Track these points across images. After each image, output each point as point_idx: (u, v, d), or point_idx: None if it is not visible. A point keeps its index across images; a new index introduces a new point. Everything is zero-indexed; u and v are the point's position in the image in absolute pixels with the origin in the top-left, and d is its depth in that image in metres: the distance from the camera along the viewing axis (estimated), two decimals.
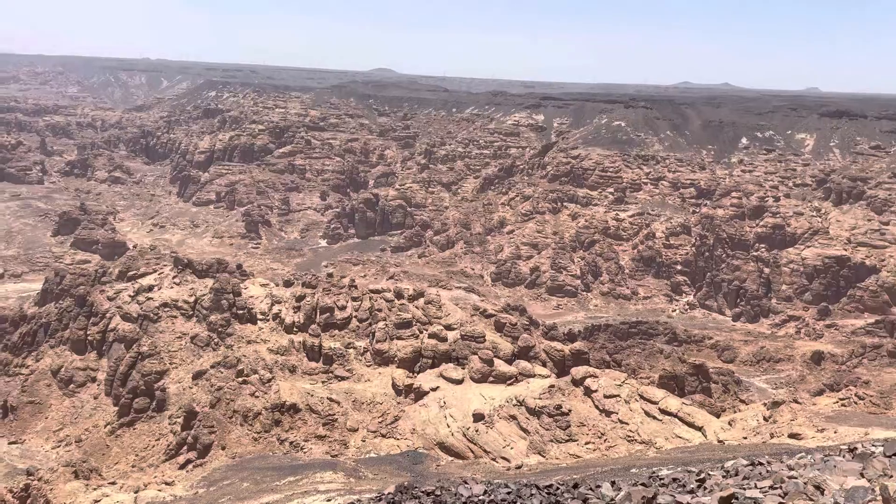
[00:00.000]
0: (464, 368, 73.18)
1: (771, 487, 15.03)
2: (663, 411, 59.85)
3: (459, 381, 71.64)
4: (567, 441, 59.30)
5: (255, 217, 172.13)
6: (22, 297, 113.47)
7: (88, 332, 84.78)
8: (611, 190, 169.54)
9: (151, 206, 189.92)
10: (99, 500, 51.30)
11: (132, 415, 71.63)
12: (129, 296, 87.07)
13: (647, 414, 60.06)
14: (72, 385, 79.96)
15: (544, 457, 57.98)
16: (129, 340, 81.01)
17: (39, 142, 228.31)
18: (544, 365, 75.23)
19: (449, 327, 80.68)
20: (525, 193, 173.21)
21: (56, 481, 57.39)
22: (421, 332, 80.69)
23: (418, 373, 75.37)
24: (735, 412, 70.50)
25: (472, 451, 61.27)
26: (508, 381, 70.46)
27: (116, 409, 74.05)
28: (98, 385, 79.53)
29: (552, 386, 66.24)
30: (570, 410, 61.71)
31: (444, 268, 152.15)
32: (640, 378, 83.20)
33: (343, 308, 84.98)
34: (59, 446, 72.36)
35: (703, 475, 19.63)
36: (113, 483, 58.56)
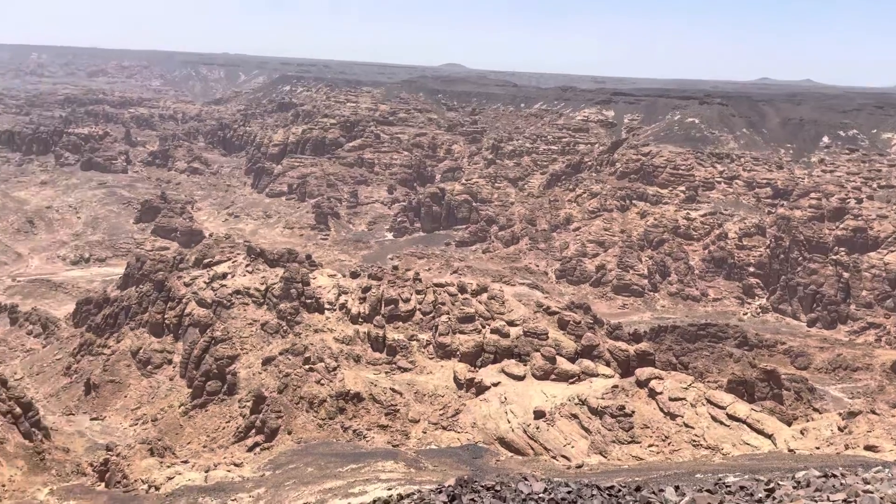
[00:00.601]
0: (526, 365, 73.01)
1: (844, 501, 14.55)
2: (731, 417, 58.28)
3: (521, 378, 71.53)
4: (629, 443, 58.48)
5: (325, 209, 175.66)
6: (106, 281, 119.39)
7: (166, 316, 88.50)
8: (682, 188, 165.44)
9: (227, 196, 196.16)
10: (172, 478, 53.59)
11: (204, 397, 74.46)
12: (205, 282, 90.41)
13: (714, 419, 58.60)
14: (149, 366, 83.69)
15: (605, 457, 57.38)
16: (203, 325, 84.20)
17: (125, 133, 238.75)
18: (608, 365, 74.29)
19: (511, 323, 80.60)
20: (593, 190, 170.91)
21: (133, 457, 60.26)
22: (483, 328, 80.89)
23: (480, 367, 75.63)
24: (808, 421, 67.93)
25: (533, 448, 61.15)
26: (571, 380, 69.92)
27: (190, 390, 77.13)
28: (174, 367, 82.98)
29: (616, 386, 65.38)
30: (633, 412, 60.80)
31: (508, 263, 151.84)
32: (708, 382, 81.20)
33: (407, 300, 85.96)
34: (136, 424, 75.93)
35: (772, 485, 19.12)
36: (185, 462, 61.06)
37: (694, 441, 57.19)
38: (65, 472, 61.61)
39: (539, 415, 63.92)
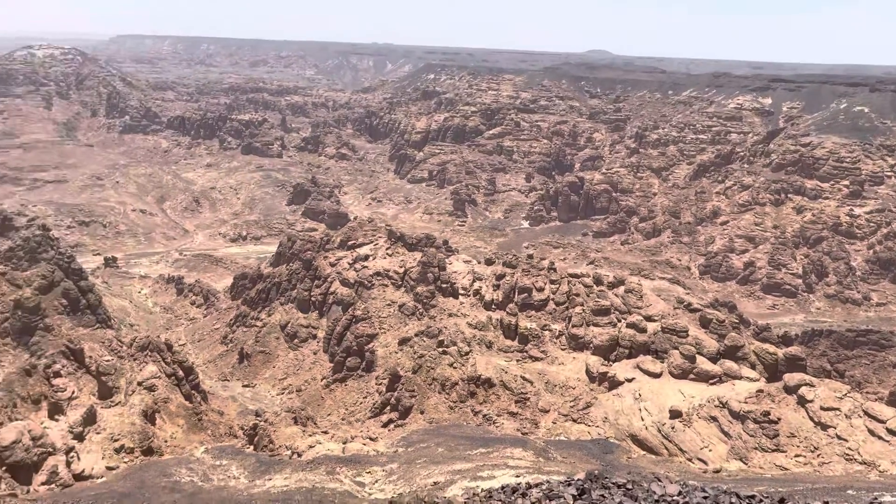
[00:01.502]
0: (663, 362, 70.55)
1: None
2: (891, 431, 53.35)
3: (657, 375, 69.24)
4: (774, 451, 55.10)
5: (463, 196, 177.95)
6: (260, 258, 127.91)
7: (312, 294, 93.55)
8: (846, 182, 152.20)
9: (371, 181, 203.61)
10: (313, 446, 56.76)
11: (344, 372, 78.15)
12: (348, 263, 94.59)
13: (872, 433, 53.90)
14: (296, 340, 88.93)
15: (746, 464, 54.42)
16: (345, 304, 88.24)
17: (281, 119, 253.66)
18: (753, 367, 70.17)
19: (649, 318, 78.06)
20: (744, 182, 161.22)
21: (279, 424, 64.45)
22: (619, 321, 78.96)
23: (614, 362, 73.96)
24: None
25: (667, 448, 59.13)
26: (711, 381, 66.79)
27: (331, 365, 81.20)
28: (318, 342, 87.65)
29: (761, 391, 61.71)
30: (779, 419, 57.17)
31: (647, 256, 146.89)
32: (866, 393, 74.72)
33: (541, 290, 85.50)
34: (282, 393, 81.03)
35: None
36: (325, 432, 64.47)
37: (847, 455, 52.96)
38: (218, 433, 66.92)
39: (675, 414, 61.65)
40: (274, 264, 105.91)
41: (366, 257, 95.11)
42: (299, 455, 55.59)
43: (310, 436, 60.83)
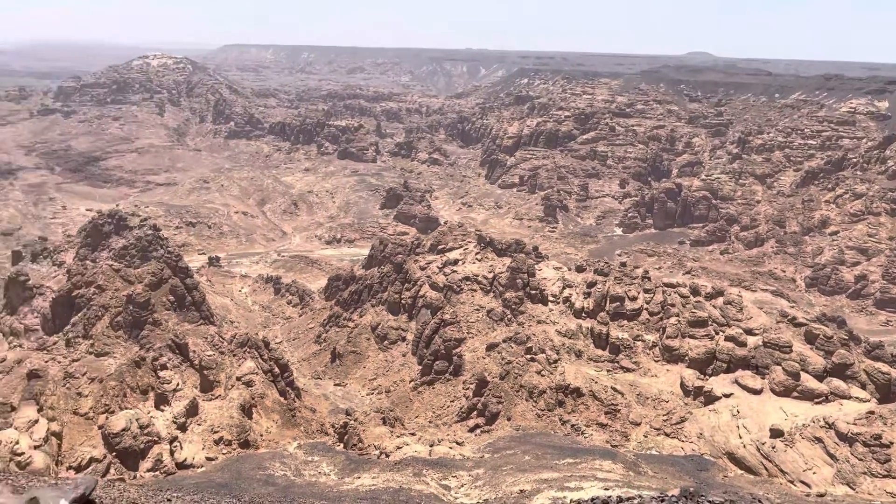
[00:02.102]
0: (763, 378, 67.28)
1: None
2: None
3: (757, 392, 66.09)
4: (885, 476, 51.45)
5: (554, 201, 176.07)
6: (353, 260, 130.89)
7: (402, 296, 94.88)
8: None
9: (462, 186, 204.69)
10: (401, 447, 57.49)
11: (432, 375, 78.75)
12: (438, 267, 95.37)
13: None
14: (386, 341, 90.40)
15: (854, 489, 51.06)
16: (434, 307, 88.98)
17: (376, 125, 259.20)
18: (863, 387, 65.83)
19: (749, 332, 74.65)
20: (857, 191, 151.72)
21: (368, 424, 65.64)
22: (717, 334, 75.92)
23: (710, 376, 71.17)
24: None
25: (766, 469, 56.28)
26: (816, 400, 63.12)
27: (420, 368, 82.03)
28: (407, 344, 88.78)
29: (871, 412, 57.80)
30: (892, 443, 53.33)
31: (748, 267, 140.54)
32: None
33: (634, 299, 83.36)
34: (372, 393, 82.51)
35: None
36: (413, 434, 65.16)
37: None
38: (311, 430, 68.87)
39: (776, 433, 58.61)
40: (366, 267, 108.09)
41: (455, 262, 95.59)
42: (387, 455, 56.40)
43: (397, 437, 61.62)
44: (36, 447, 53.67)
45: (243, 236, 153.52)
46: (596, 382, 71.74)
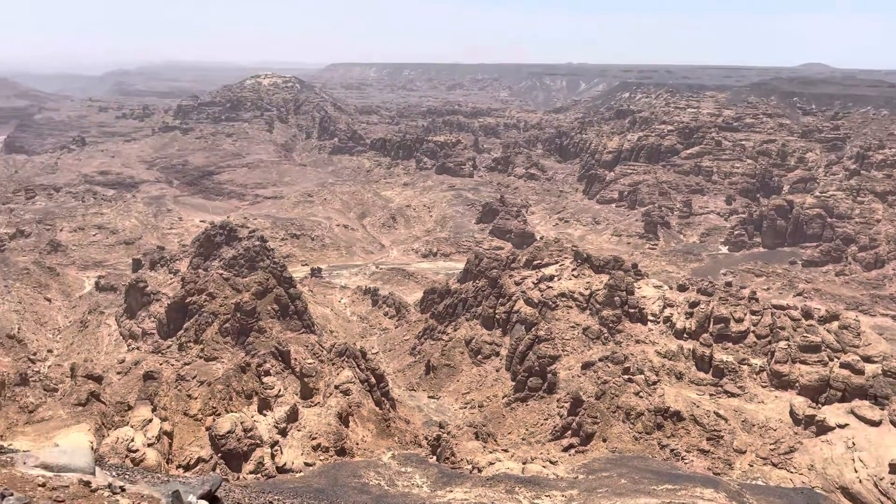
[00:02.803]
0: (883, 409, 62.67)
1: None
2: None
3: (876, 423, 61.61)
4: None
5: (655, 218, 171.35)
6: (449, 274, 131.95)
7: (497, 311, 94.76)
8: None
9: (559, 201, 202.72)
10: (493, 463, 57.22)
11: (526, 392, 78.07)
12: (533, 282, 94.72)
13: None
14: (479, 355, 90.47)
15: None
16: (529, 323, 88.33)
17: (473, 140, 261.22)
18: None
19: (868, 359, 69.79)
20: None
21: (461, 438, 65.75)
22: (831, 360, 71.42)
23: (823, 404, 66.97)
24: None
25: None
26: None
27: (513, 383, 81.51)
28: (500, 359, 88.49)
29: None
30: None
31: (867, 290, 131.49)
32: None
33: (740, 321, 79.73)
34: (465, 407, 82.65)
35: None
36: (505, 450, 64.73)
37: None
38: (404, 441, 69.69)
39: None
40: (461, 280, 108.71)
41: (551, 277, 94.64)
42: (479, 470, 56.26)
43: (490, 452, 61.38)
44: (149, 445, 56.99)
45: (344, 248, 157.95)
46: (698, 406, 68.96)
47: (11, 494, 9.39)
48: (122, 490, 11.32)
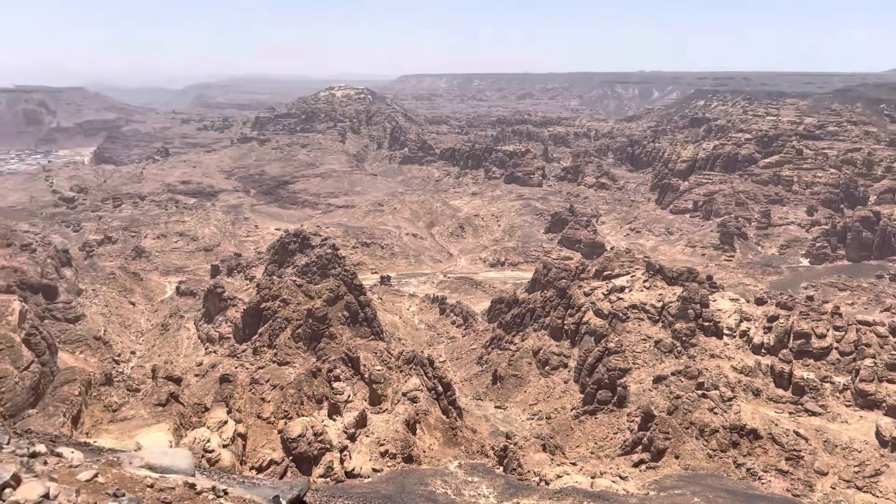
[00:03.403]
0: None
1: None
2: None
3: None
4: None
5: (732, 229, 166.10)
6: (516, 284, 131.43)
7: (565, 322, 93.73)
8: None
9: (630, 211, 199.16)
10: (561, 476, 56.51)
11: (595, 405, 76.83)
12: (603, 293, 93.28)
13: None
14: (547, 366, 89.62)
15: None
16: (598, 335, 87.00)
17: (542, 150, 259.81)
18: None
19: None
20: None
21: (528, 449, 65.21)
22: None
23: None
24: None
25: None
26: None
27: (582, 396, 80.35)
28: (568, 371, 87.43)
29: None
30: None
31: None
32: None
33: (822, 336, 76.35)
34: (532, 419, 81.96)
35: None
36: (574, 463, 63.84)
37: None
38: (471, 450, 69.65)
39: None
40: (529, 290, 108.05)
41: (622, 289, 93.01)
42: (547, 483, 55.68)
43: (558, 465, 60.66)
44: (224, 446, 58.86)
45: (412, 257, 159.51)
46: (776, 425, 66.34)
47: (123, 495, 9.70)
48: (225, 493, 11.70)
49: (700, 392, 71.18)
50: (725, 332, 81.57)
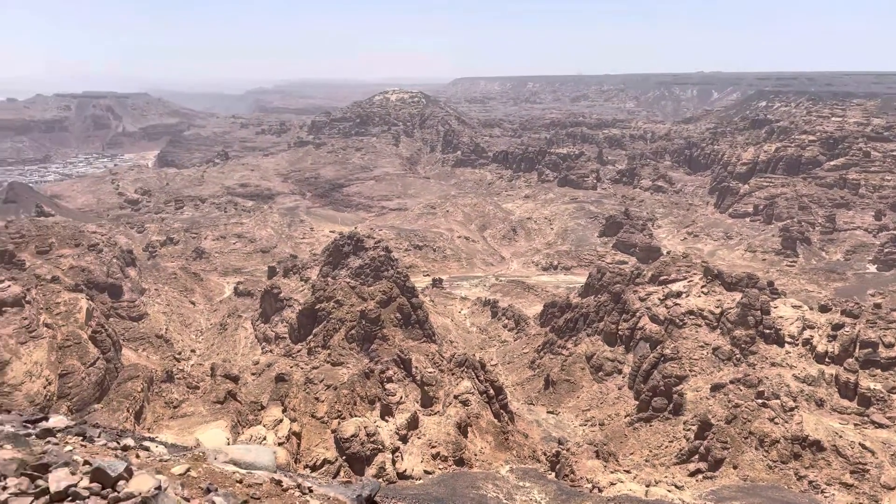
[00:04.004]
0: None
1: None
2: None
3: None
4: None
5: (794, 233, 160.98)
6: (569, 288, 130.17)
7: (619, 327, 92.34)
8: None
9: (688, 215, 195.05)
10: (614, 484, 55.65)
11: (650, 412, 75.43)
12: (659, 299, 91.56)
13: None
14: (601, 372, 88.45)
15: None
16: (653, 341, 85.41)
17: (597, 152, 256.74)
18: None
19: None
20: None
21: (580, 455, 64.43)
22: None
23: None
24: None
25: None
26: None
27: (636, 403, 79.00)
28: (623, 377, 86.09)
29: None
30: None
31: None
32: None
33: (890, 346, 73.27)
34: (585, 425, 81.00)
35: None
36: (627, 472, 62.79)
37: None
38: (522, 455, 69.23)
39: None
40: (582, 295, 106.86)
41: (678, 294, 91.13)
42: (600, 490, 54.92)
43: (611, 472, 59.76)
44: (279, 444, 59.93)
45: (464, 260, 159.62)
46: (840, 437, 63.94)
47: (216, 490, 9.85)
48: (311, 491, 11.87)
49: (760, 401, 69.16)
50: (787, 339, 79.06)
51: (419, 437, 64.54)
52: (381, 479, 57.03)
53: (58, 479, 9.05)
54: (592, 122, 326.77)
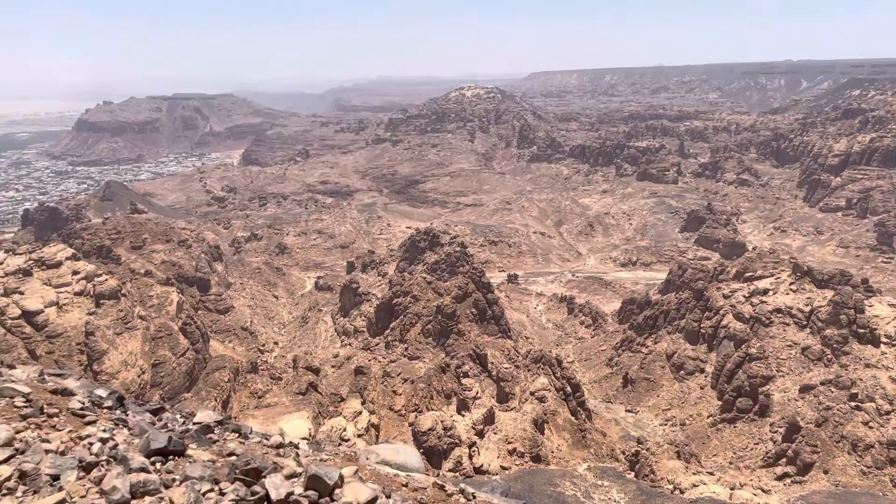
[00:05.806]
0: None
1: None
2: None
3: None
4: None
5: (891, 228, 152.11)
6: (649, 284, 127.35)
7: (702, 325, 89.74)
8: None
9: (775, 209, 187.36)
10: (697, 486, 54.30)
11: (734, 413, 73.08)
12: (744, 296, 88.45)
13: None
14: (682, 371, 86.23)
15: None
16: (738, 340, 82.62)
17: (678, 145, 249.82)
18: None
19: None
20: None
21: (661, 455, 63.14)
22: None
23: None
24: None
25: None
26: None
27: (719, 403, 76.67)
28: (705, 376, 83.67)
29: None
30: None
31: None
32: None
33: None
34: (665, 424, 79.19)
35: None
36: (710, 473, 61.11)
37: None
38: (600, 453, 68.37)
39: None
40: (663, 292, 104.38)
41: (765, 291, 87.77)
42: (681, 491, 53.70)
43: (693, 474, 58.31)
44: (359, 436, 61.32)
45: (540, 255, 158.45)
46: None
47: (389, 495, 9.29)
48: (474, 497, 11.35)
49: (853, 404, 65.94)
50: (883, 339, 74.97)
51: (495, 433, 64.71)
52: (458, 473, 57.55)
53: (276, 486, 8.31)
54: (673, 114, 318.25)
